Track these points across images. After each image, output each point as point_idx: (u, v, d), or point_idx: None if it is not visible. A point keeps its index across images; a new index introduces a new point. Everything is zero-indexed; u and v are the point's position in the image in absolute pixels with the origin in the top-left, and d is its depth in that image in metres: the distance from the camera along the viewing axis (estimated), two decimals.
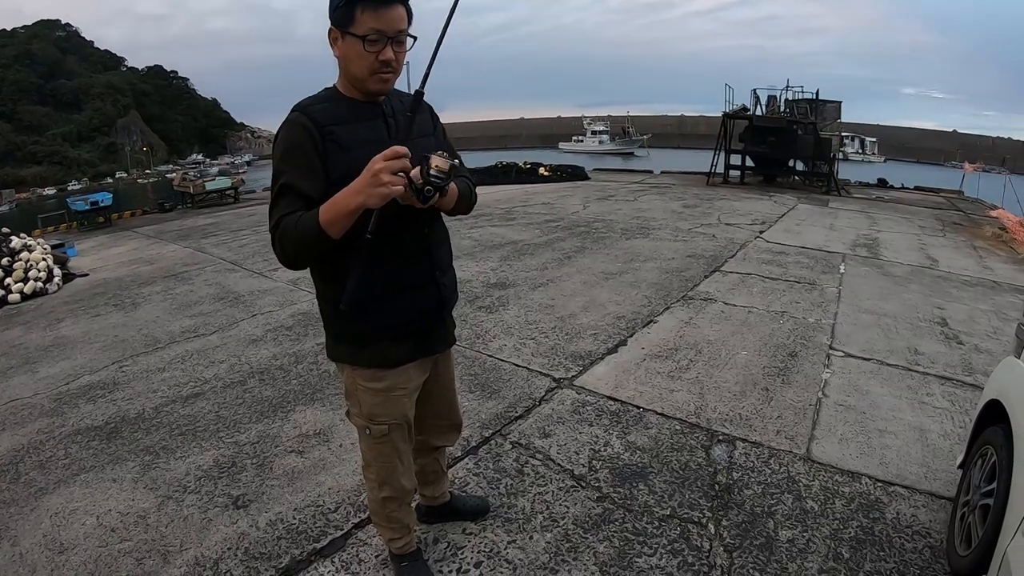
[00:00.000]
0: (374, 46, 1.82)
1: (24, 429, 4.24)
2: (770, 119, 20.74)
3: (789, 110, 20.85)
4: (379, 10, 1.78)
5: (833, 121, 21.86)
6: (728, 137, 20.92)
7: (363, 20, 1.79)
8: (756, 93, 21.56)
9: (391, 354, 2.10)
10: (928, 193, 20.30)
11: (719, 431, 3.71)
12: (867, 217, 13.13)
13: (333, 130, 1.88)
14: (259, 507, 3.12)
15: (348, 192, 1.73)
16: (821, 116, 20.20)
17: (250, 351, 5.37)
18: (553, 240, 9.59)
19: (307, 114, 1.89)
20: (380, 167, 1.67)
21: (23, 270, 8.74)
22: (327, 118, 1.89)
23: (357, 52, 1.83)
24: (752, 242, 9.48)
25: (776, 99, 21.62)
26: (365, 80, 1.89)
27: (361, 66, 1.86)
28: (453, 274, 2.27)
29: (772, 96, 21.73)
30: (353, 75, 1.91)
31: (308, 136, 1.85)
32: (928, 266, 8.40)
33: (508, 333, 5.38)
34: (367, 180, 1.69)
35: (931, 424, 3.84)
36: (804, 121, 19.70)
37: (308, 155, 1.86)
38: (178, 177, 27.53)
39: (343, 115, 1.92)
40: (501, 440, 3.64)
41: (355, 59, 1.86)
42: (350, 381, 2.17)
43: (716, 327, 5.48)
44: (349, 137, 1.89)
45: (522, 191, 17.27)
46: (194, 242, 12.06)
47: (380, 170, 1.67)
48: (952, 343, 5.30)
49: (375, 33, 1.80)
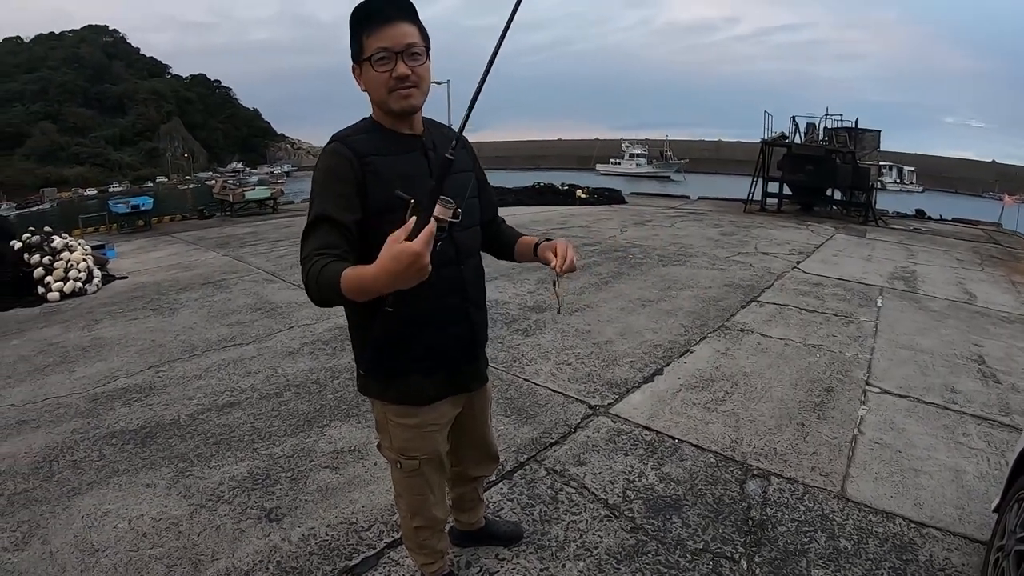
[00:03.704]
0: (385, 64, 1.82)
1: (59, 428, 4.33)
2: (809, 147, 20.60)
3: (828, 138, 20.69)
4: (381, 30, 1.81)
5: (872, 150, 21.65)
6: (766, 164, 20.81)
7: (369, 44, 1.82)
8: (795, 121, 21.46)
9: (422, 391, 2.07)
10: (966, 225, 20.01)
11: (754, 465, 3.69)
12: (904, 249, 13.00)
13: (372, 161, 1.86)
14: (292, 521, 3.16)
15: (381, 276, 1.53)
16: (860, 145, 20.00)
17: (286, 363, 5.43)
18: (590, 264, 9.62)
19: (347, 144, 1.87)
20: (425, 263, 1.49)
21: (63, 269, 8.94)
22: (366, 149, 1.87)
23: (373, 76, 1.85)
24: (789, 272, 9.43)
25: (815, 127, 21.49)
26: (387, 100, 1.87)
27: (379, 88, 1.86)
28: (486, 312, 2.26)
29: (811, 124, 21.61)
30: (376, 100, 1.92)
31: (348, 166, 1.84)
32: (966, 301, 8.28)
33: (544, 358, 5.39)
34: (408, 269, 1.49)
35: (967, 465, 3.80)
36: (843, 150, 19.53)
37: (346, 184, 1.83)
38: (218, 185, 27.72)
39: (382, 147, 1.91)
40: (536, 466, 3.65)
41: (374, 84, 1.87)
42: (381, 415, 2.16)
43: (752, 359, 5.47)
44: (388, 170, 1.87)
45: (559, 213, 17.31)
46: (233, 250, 12.25)
47: (424, 267, 1.50)
48: (989, 381, 5.23)
49: (382, 51, 1.81)
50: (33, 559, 2.93)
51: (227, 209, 22.88)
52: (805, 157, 20.30)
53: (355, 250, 1.82)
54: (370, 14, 1.83)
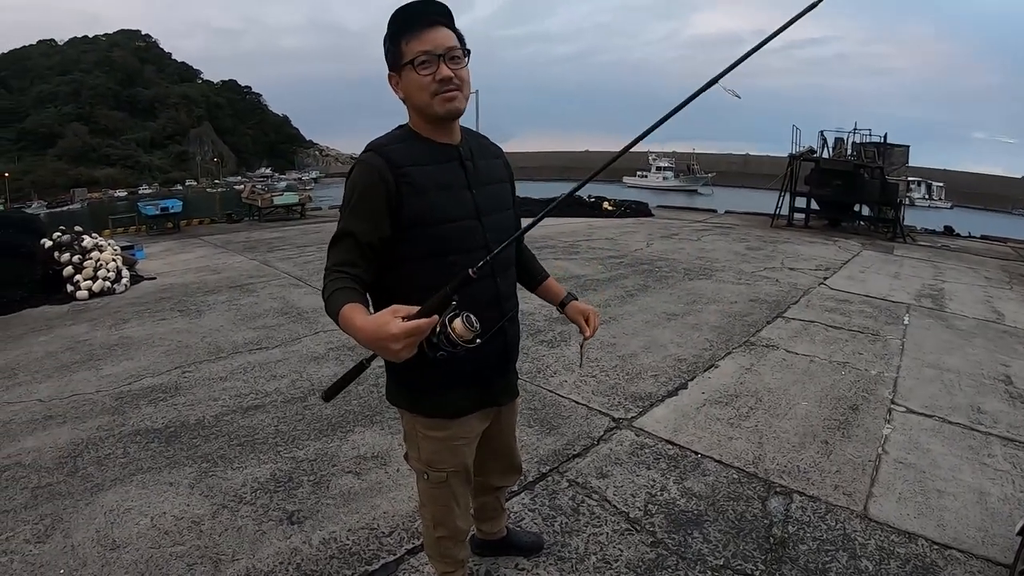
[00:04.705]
0: (427, 68, 1.82)
1: (85, 424, 4.41)
2: (837, 162, 20.42)
3: (856, 153, 20.50)
4: (421, 34, 1.82)
5: (900, 166, 21.44)
6: (794, 179, 20.68)
7: (410, 49, 1.83)
8: (823, 135, 21.33)
9: (453, 404, 2.06)
10: (995, 242, 19.72)
11: (776, 483, 3.67)
12: (932, 266, 12.84)
13: (408, 171, 1.84)
14: (313, 524, 3.19)
15: (361, 335, 1.58)
16: (888, 160, 19.80)
17: (312, 368, 5.48)
18: (616, 277, 9.61)
19: (382, 154, 1.86)
20: (397, 347, 1.53)
21: (93, 269, 9.08)
22: (403, 159, 1.86)
23: (415, 80, 1.84)
24: (816, 288, 9.35)
25: (843, 142, 21.30)
26: (431, 105, 1.86)
27: (422, 92, 1.85)
28: (519, 326, 2.24)
29: (839, 139, 21.42)
30: (418, 106, 1.89)
31: (380, 179, 1.82)
32: (994, 320, 8.16)
33: (569, 369, 5.40)
34: (379, 347, 1.55)
35: (991, 487, 3.75)
36: (871, 165, 19.34)
37: (376, 201, 1.83)
38: (247, 189, 27.98)
39: (419, 156, 1.89)
40: (558, 477, 3.66)
41: (415, 89, 1.86)
42: (410, 427, 2.15)
43: (777, 375, 5.44)
44: (425, 180, 1.86)
45: (586, 224, 17.29)
46: (260, 255, 12.37)
47: (397, 351, 1.53)
48: (1016, 402, 5.15)
49: (424, 55, 1.81)
50: (55, 552, 2.98)
51: (255, 214, 23.07)
52: (833, 172, 20.14)
53: (377, 266, 1.87)
54: (410, 19, 1.84)
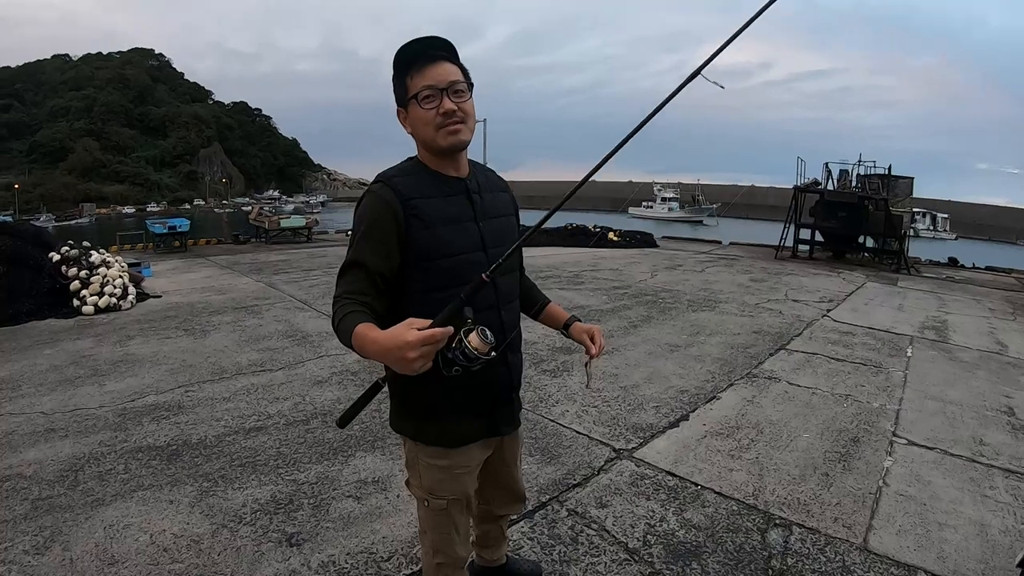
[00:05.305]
0: (431, 101, 1.89)
1: (87, 439, 4.45)
2: (841, 194, 20.48)
3: (861, 185, 20.60)
4: (425, 70, 1.89)
5: (905, 198, 21.49)
6: (798, 210, 20.76)
7: (414, 84, 1.90)
8: (828, 167, 21.41)
9: (455, 433, 2.08)
10: (1000, 273, 19.73)
11: (776, 514, 3.69)
12: (936, 298, 12.87)
13: (417, 203, 1.89)
14: (312, 547, 3.21)
15: (377, 348, 1.62)
16: (893, 192, 19.87)
17: (315, 391, 5.53)
18: (620, 308, 9.68)
19: (391, 186, 1.90)
20: (413, 356, 1.56)
21: (100, 284, 9.18)
22: (411, 191, 1.90)
23: (419, 115, 1.91)
24: (819, 320, 9.39)
25: (848, 174, 21.36)
26: (436, 138, 1.92)
27: (427, 125, 1.91)
28: (522, 357, 2.28)
29: (844, 170, 21.48)
30: (424, 139, 1.95)
31: (389, 211, 1.86)
32: (997, 351, 8.18)
33: (571, 399, 5.44)
34: (395, 357, 1.58)
35: (992, 519, 3.76)
36: (876, 197, 19.43)
37: (385, 232, 1.87)
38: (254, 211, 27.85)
39: (427, 189, 1.93)
40: (558, 506, 3.68)
41: (420, 122, 1.93)
42: (412, 454, 2.16)
43: (779, 407, 5.47)
44: (432, 212, 1.91)
45: (591, 255, 17.39)
46: (266, 277, 12.48)
47: (412, 359, 1.56)
48: (1019, 434, 5.17)
49: (427, 89, 1.88)
50: (53, 564, 3.01)
51: (262, 235, 23.04)
52: (838, 204, 20.21)
53: (385, 296, 1.90)
54: (414, 56, 1.92)
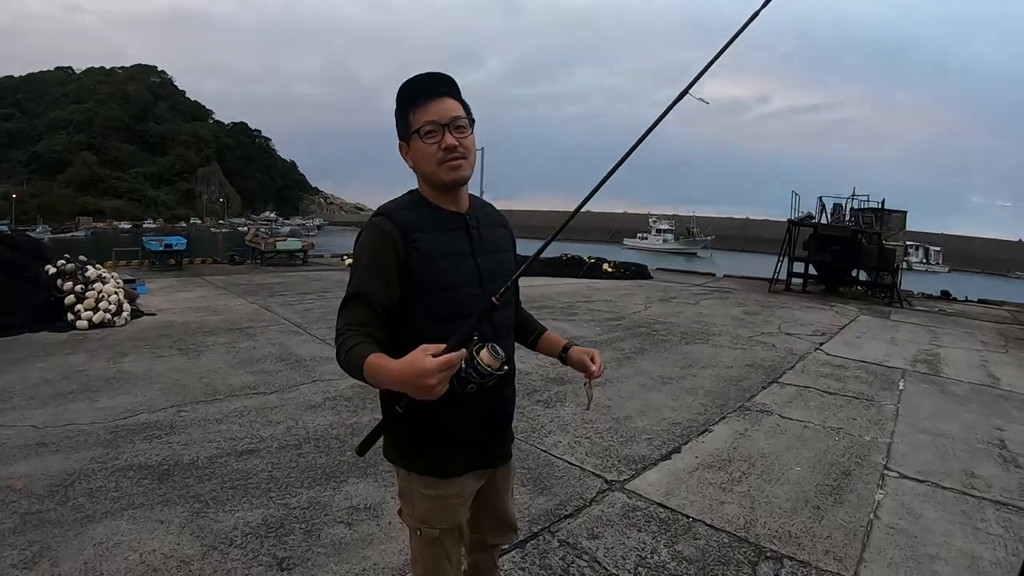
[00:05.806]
0: (433, 136, 1.89)
1: (78, 455, 4.46)
2: (835, 228, 20.69)
3: (854, 219, 20.80)
4: (427, 105, 1.92)
5: (898, 231, 21.70)
6: (792, 244, 20.91)
7: (416, 119, 1.93)
8: (822, 201, 21.61)
9: (449, 464, 2.06)
10: (992, 306, 19.93)
11: (767, 547, 3.71)
12: (929, 331, 12.98)
13: (417, 237, 1.89)
14: (303, 572, 3.20)
15: (394, 376, 1.66)
16: (886, 226, 20.08)
17: (308, 416, 5.55)
18: (613, 339, 9.74)
19: (392, 219, 1.91)
20: (433, 382, 1.59)
21: (95, 299, 9.24)
22: (411, 224, 1.91)
23: (421, 149, 1.92)
24: (811, 354, 9.45)
25: (842, 207, 21.60)
26: (437, 172, 1.92)
27: (428, 160, 1.91)
28: (515, 390, 2.29)
29: (838, 204, 21.72)
30: (425, 174, 1.96)
31: (390, 243, 1.87)
32: (989, 384, 8.24)
33: (564, 430, 5.47)
34: (415, 384, 1.61)
35: (983, 551, 3.78)
36: (869, 231, 19.62)
37: (387, 264, 1.88)
38: (250, 232, 28.00)
39: (427, 223, 1.94)
40: (549, 537, 3.70)
41: (422, 157, 1.93)
42: (405, 484, 2.16)
43: (771, 440, 5.50)
44: (431, 246, 1.91)
45: (585, 286, 17.49)
46: (261, 299, 12.55)
47: (433, 385, 1.59)
48: (1010, 466, 5.21)
49: (429, 124, 1.91)
50: None
51: (258, 257, 23.02)
52: (831, 237, 20.42)
53: (388, 328, 1.92)
54: (417, 91, 1.95)
